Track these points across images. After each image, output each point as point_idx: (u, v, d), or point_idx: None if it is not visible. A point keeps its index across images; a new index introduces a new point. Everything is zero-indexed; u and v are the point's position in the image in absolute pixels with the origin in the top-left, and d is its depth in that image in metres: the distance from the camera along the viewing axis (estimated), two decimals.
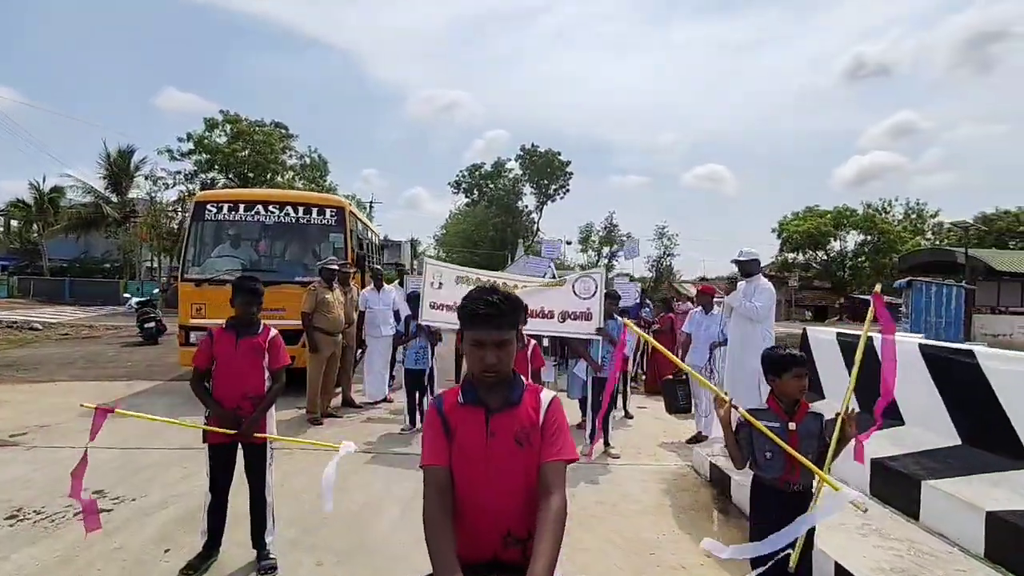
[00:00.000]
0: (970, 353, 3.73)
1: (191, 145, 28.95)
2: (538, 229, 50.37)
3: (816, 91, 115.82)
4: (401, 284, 8.70)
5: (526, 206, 50.12)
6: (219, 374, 3.07)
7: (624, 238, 49.95)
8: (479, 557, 1.50)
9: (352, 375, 7.39)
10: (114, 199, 29.90)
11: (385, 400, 7.35)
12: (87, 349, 11.95)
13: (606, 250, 48.63)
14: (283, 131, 31.32)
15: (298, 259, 8.03)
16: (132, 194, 30.75)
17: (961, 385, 3.71)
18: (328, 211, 7.79)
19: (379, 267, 7.77)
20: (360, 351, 8.04)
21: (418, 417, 6.03)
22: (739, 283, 5.31)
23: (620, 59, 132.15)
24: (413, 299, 6.11)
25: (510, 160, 49.43)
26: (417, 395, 6.02)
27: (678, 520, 4.06)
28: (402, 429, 6.00)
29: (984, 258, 21.14)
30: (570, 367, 6.48)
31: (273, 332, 3.20)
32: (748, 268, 5.27)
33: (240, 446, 3.11)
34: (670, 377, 6.26)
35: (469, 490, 1.49)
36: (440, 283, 5.82)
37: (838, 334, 4.95)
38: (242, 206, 7.65)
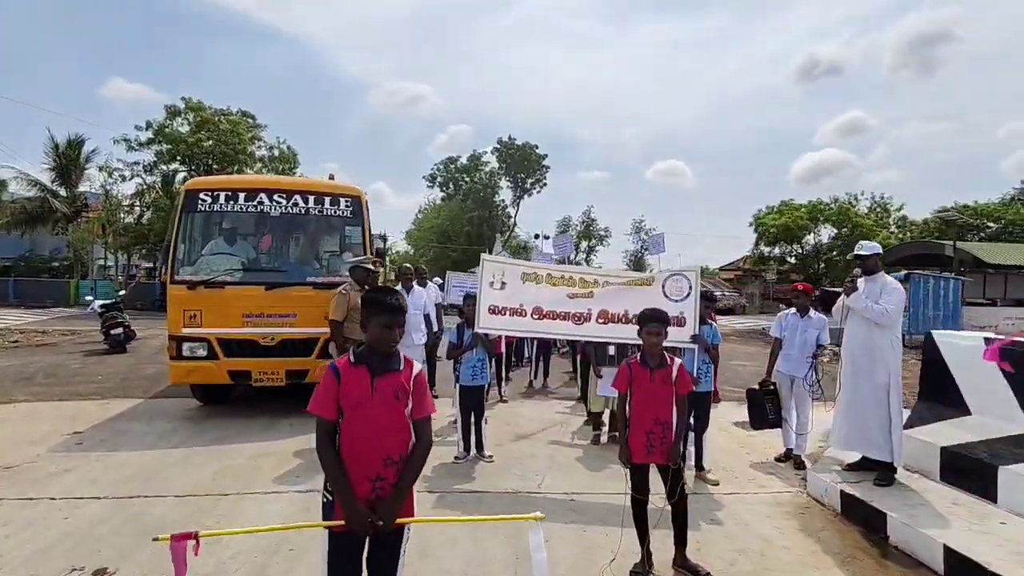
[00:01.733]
0: None
1: (150, 134, 26.77)
2: (515, 224, 49.57)
3: (772, 89, 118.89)
4: (421, 284, 7.71)
5: (503, 200, 49.14)
6: (350, 429, 2.00)
7: (602, 232, 49.79)
8: None
9: None
10: (63, 192, 27.55)
11: None
12: (45, 360, 10.46)
13: (584, 244, 48.20)
14: (250, 120, 29.38)
15: (309, 257, 6.92)
16: (83, 187, 28.48)
17: None
18: (343, 201, 6.71)
19: (408, 265, 6.74)
20: None
21: (473, 442, 5.10)
22: (859, 281, 4.57)
23: (582, 55, 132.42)
24: (468, 302, 5.16)
25: (486, 152, 48.34)
26: (473, 416, 5.07)
27: (849, 572, 3.30)
28: (456, 457, 5.03)
29: (972, 251, 21.43)
30: None
31: (417, 367, 2.13)
32: (870, 264, 4.55)
33: None
34: (756, 388, 5.52)
35: None
36: (503, 283, 4.91)
37: (985, 339, 4.27)
38: (242, 195, 6.49)
